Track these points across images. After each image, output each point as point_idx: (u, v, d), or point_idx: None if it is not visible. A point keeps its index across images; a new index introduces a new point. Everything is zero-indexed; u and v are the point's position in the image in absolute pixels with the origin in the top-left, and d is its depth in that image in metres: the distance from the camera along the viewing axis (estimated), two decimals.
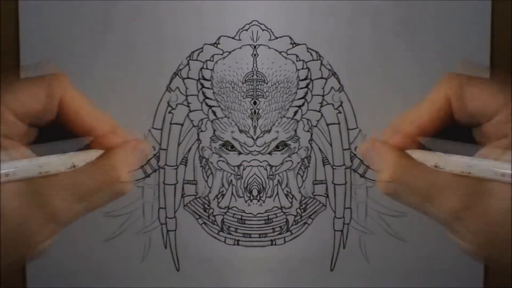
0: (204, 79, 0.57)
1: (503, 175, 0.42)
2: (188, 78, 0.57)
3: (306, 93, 0.57)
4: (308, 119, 0.58)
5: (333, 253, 0.60)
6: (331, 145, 0.58)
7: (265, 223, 0.59)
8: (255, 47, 0.56)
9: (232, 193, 0.58)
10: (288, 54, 0.57)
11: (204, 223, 0.59)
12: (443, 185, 0.44)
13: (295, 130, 0.58)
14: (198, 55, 0.57)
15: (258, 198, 0.58)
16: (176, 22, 0.57)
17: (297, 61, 0.57)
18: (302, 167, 0.58)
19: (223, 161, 0.58)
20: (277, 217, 0.59)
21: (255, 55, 0.56)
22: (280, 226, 0.59)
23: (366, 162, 0.49)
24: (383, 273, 0.60)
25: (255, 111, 0.57)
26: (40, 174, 0.44)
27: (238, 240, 0.59)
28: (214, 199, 0.59)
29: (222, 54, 0.57)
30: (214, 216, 0.59)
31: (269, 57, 0.57)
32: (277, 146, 0.58)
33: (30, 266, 0.60)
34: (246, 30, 0.56)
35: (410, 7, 0.57)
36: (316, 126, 0.58)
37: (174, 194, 0.59)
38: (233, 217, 0.59)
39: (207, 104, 0.57)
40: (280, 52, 0.57)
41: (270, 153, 0.58)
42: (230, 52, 0.57)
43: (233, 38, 0.57)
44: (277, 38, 0.57)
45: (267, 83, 0.57)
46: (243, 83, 0.57)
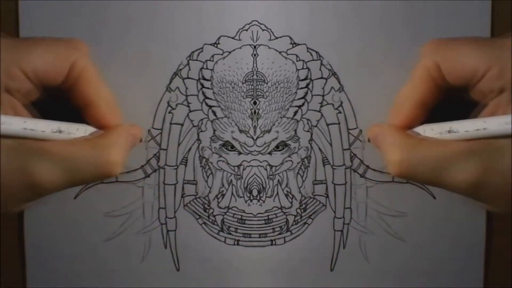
0: (204, 79, 0.57)
1: None
2: (188, 78, 0.57)
3: (306, 93, 0.57)
4: (308, 119, 0.58)
5: (333, 253, 0.60)
6: (331, 145, 0.58)
7: (265, 223, 0.59)
8: (255, 47, 0.56)
9: (232, 193, 0.58)
10: (288, 54, 0.57)
11: (204, 223, 0.59)
12: (456, 154, 0.43)
13: (295, 130, 0.58)
14: (198, 55, 0.57)
15: (258, 198, 0.58)
16: (176, 22, 0.57)
17: (297, 61, 0.57)
18: (302, 167, 0.59)
19: (223, 161, 0.58)
20: (277, 217, 0.59)
21: (255, 55, 0.56)
22: (280, 226, 0.59)
23: (376, 148, 0.48)
24: (383, 273, 0.60)
25: (255, 111, 0.57)
26: (25, 131, 0.43)
27: (238, 240, 0.59)
28: (214, 199, 0.59)
29: (222, 54, 0.57)
30: (214, 216, 0.59)
31: (269, 57, 0.57)
32: (277, 146, 0.58)
33: (30, 266, 0.60)
34: (246, 30, 0.56)
35: (411, 7, 0.57)
36: (316, 126, 0.58)
37: (174, 194, 0.59)
38: (233, 217, 0.59)
39: (207, 104, 0.57)
40: (280, 52, 0.57)
41: (270, 153, 0.58)
42: (230, 52, 0.57)
43: (233, 38, 0.57)
44: (277, 38, 0.57)
45: (267, 83, 0.57)
46: (243, 83, 0.57)
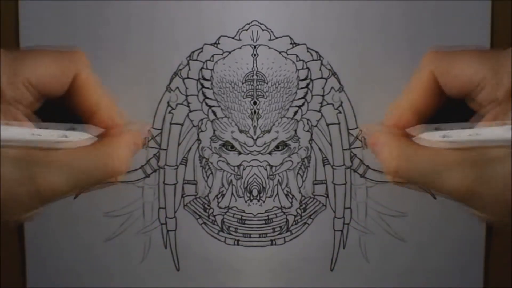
0: (204, 79, 0.57)
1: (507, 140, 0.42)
2: (188, 78, 0.57)
3: (306, 93, 0.57)
4: (308, 119, 0.58)
5: (333, 253, 0.60)
6: (331, 145, 0.58)
7: (265, 223, 0.59)
8: (255, 47, 0.56)
9: (232, 193, 0.58)
10: (288, 54, 0.57)
11: (204, 223, 0.59)
12: (449, 161, 0.44)
13: (295, 130, 0.58)
14: (198, 55, 0.57)
15: (258, 198, 0.58)
16: (176, 22, 0.57)
17: (297, 61, 0.57)
18: (302, 167, 0.58)
19: (223, 161, 0.58)
20: (277, 217, 0.59)
21: (255, 55, 0.56)
22: (280, 226, 0.59)
23: (374, 155, 0.49)
24: (383, 273, 0.60)
25: (255, 111, 0.57)
26: (33, 137, 0.44)
27: (238, 240, 0.59)
28: (214, 199, 0.59)
29: (222, 54, 0.57)
30: (214, 216, 0.59)
31: (269, 57, 0.57)
32: (277, 146, 0.58)
33: (30, 266, 0.60)
34: (246, 30, 0.56)
35: (411, 7, 0.57)
36: (316, 126, 0.58)
37: (174, 194, 0.59)
38: (233, 217, 0.59)
39: (207, 104, 0.57)
40: (280, 52, 0.57)
41: (270, 153, 0.58)
42: (230, 52, 0.57)
43: (233, 38, 0.57)
44: (277, 38, 0.57)
45: (267, 83, 0.57)
46: (243, 83, 0.57)
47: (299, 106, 0.57)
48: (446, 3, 0.57)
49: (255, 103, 0.57)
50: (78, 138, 0.46)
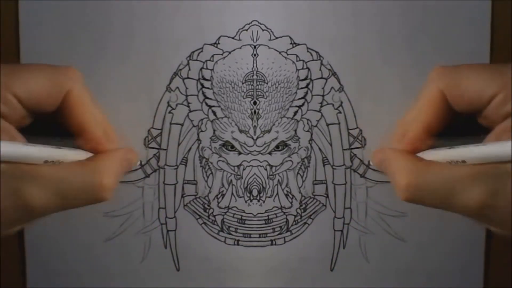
0: (204, 79, 0.57)
1: None
2: (188, 78, 0.57)
3: (306, 93, 0.57)
4: (308, 119, 0.58)
5: (333, 253, 0.60)
6: (331, 145, 0.58)
7: (265, 223, 0.59)
8: (255, 47, 0.56)
9: (232, 193, 0.58)
10: (288, 54, 0.57)
11: (204, 223, 0.59)
12: (462, 179, 0.43)
13: (295, 130, 0.58)
14: (198, 55, 0.57)
15: (258, 198, 0.58)
16: (176, 22, 0.57)
17: (297, 61, 0.57)
18: (302, 167, 0.58)
19: (223, 161, 0.58)
20: (277, 217, 0.59)
21: (255, 55, 0.56)
22: (280, 226, 0.59)
23: (381, 172, 0.49)
24: (383, 273, 0.60)
25: (255, 111, 0.57)
26: (23, 152, 0.43)
27: (238, 240, 0.59)
28: (214, 199, 0.59)
29: (222, 54, 0.57)
30: (214, 216, 0.59)
31: (269, 57, 0.57)
32: (277, 146, 0.58)
33: (30, 266, 0.60)
34: (246, 30, 0.56)
35: (410, 7, 0.57)
36: (316, 126, 0.58)
37: (174, 194, 0.59)
38: (233, 217, 0.59)
39: (207, 104, 0.57)
40: (280, 52, 0.57)
41: (270, 153, 0.58)
42: (230, 52, 0.57)
43: (233, 38, 0.57)
44: (277, 38, 0.57)
45: (267, 83, 0.57)
46: (243, 83, 0.57)
47: (299, 106, 0.57)
48: (446, 3, 0.57)
49: (255, 103, 0.57)
50: (70, 154, 0.46)
